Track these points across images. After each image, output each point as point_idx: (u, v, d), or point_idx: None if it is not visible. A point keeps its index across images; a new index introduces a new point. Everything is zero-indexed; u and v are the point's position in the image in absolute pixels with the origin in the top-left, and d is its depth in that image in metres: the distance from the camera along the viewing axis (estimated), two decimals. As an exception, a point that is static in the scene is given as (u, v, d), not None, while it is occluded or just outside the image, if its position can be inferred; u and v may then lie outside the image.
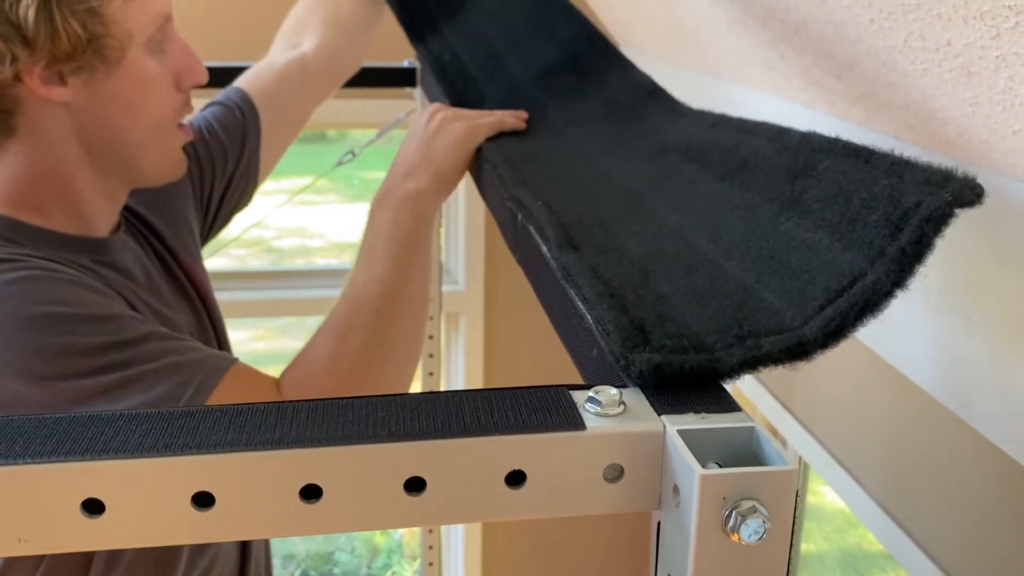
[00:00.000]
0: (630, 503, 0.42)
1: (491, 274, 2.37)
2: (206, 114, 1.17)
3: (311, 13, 1.21)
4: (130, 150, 0.92)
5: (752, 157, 0.64)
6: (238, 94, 1.17)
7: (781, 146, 0.62)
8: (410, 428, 0.41)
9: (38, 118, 0.87)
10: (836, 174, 0.55)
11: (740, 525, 0.37)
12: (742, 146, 0.67)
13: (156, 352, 0.81)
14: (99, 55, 0.85)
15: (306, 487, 0.40)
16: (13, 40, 0.81)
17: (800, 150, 0.60)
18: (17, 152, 0.88)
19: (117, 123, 0.90)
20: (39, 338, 0.78)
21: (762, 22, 0.99)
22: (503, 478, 0.41)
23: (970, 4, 0.63)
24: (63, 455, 0.39)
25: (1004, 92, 0.67)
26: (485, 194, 0.91)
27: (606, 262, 0.59)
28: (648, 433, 0.41)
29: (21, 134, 0.87)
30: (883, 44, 0.78)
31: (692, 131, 0.79)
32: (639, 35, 1.79)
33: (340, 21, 1.19)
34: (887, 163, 0.53)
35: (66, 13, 0.82)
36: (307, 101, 1.22)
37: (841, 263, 0.49)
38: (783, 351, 0.47)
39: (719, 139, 0.71)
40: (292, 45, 1.21)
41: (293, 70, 1.18)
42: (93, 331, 0.80)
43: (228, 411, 0.42)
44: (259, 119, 1.16)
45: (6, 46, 0.81)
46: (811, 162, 0.58)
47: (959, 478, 1.05)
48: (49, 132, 0.88)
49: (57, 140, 0.88)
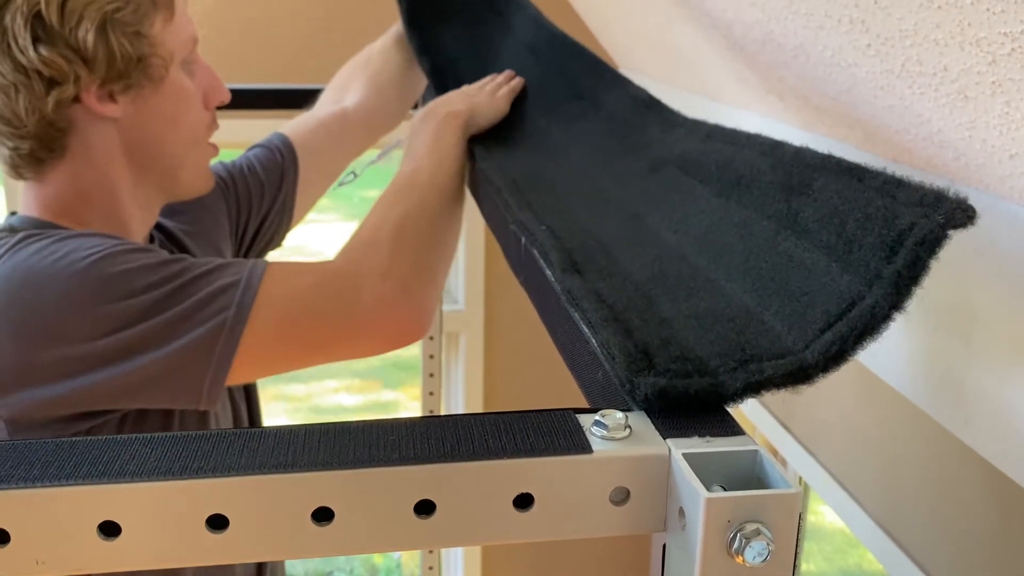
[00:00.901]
0: (636, 525, 0.42)
1: (491, 293, 2.38)
2: (249, 155, 1.24)
3: (355, 74, 1.30)
4: (171, 162, 0.99)
5: (747, 172, 0.65)
6: (280, 138, 1.24)
7: (775, 161, 0.63)
8: (420, 452, 0.41)
9: (88, 135, 0.93)
10: (831, 193, 0.56)
11: (744, 547, 0.38)
12: (736, 160, 0.67)
13: (202, 263, 0.88)
14: (145, 74, 0.93)
15: (318, 510, 0.41)
16: (75, 61, 0.88)
17: (794, 166, 0.61)
18: (65, 170, 0.94)
19: (161, 137, 0.97)
20: (102, 269, 0.84)
21: (761, 46, 1.01)
22: (511, 501, 0.42)
23: (966, 31, 0.64)
24: (80, 478, 0.40)
25: (1001, 117, 0.68)
26: (489, 217, 0.92)
27: (610, 286, 0.60)
28: (654, 456, 0.42)
29: (70, 154, 0.93)
30: (880, 68, 0.79)
31: (688, 143, 0.80)
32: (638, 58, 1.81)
33: (381, 83, 1.29)
34: (879, 182, 0.54)
35: (119, 35, 0.89)
36: (344, 152, 1.29)
37: (839, 286, 0.50)
38: (785, 375, 0.48)
39: (714, 151, 0.72)
40: (335, 101, 1.30)
41: (335, 122, 1.26)
42: (140, 257, 0.86)
43: (241, 435, 0.43)
44: (298, 163, 1.23)
45: (70, 67, 0.88)
46: (806, 179, 0.59)
47: (958, 499, 1.05)
48: (97, 147, 0.94)
49: (104, 155, 0.94)
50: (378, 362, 5.72)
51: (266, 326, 0.85)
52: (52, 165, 0.93)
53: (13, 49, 0.87)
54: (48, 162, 0.93)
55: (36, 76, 0.88)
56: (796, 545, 0.39)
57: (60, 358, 0.82)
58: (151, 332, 0.82)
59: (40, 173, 0.94)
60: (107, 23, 0.89)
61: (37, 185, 0.95)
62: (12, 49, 0.87)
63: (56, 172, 0.94)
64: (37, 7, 0.86)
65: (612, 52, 2.07)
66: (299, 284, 0.88)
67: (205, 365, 0.83)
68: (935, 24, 0.67)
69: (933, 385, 0.89)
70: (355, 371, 5.57)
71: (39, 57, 0.87)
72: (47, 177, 0.94)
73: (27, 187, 0.96)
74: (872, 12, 0.74)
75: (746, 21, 1.00)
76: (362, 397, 5.35)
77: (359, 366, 5.65)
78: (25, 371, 0.83)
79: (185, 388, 0.84)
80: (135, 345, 0.82)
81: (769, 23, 0.95)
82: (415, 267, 0.92)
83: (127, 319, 0.82)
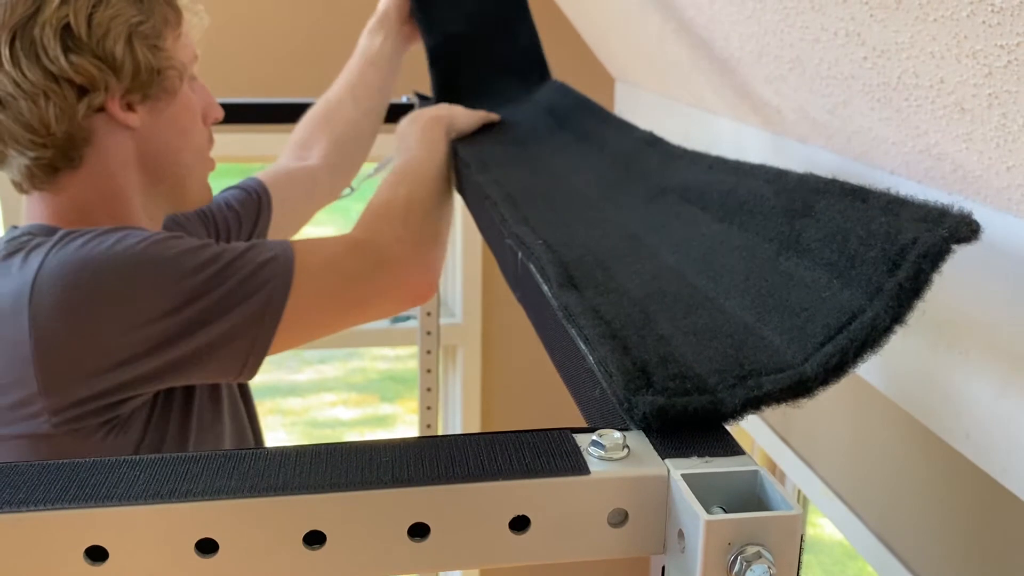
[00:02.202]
0: (634, 548, 0.42)
1: (488, 307, 2.38)
2: (226, 194, 1.30)
3: (316, 133, 1.37)
4: (180, 172, 1.04)
5: (750, 199, 0.65)
6: (255, 182, 1.31)
7: (780, 188, 0.63)
8: (413, 473, 0.41)
9: (105, 145, 0.97)
10: (834, 213, 0.56)
11: (745, 571, 0.37)
12: (740, 188, 0.67)
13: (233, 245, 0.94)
14: (163, 86, 0.98)
15: (309, 533, 0.40)
16: (105, 70, 0.93)
17: (798, 191, 0.61)
18: (78, 180, 0.97)
19: (174, 147, 1.02)
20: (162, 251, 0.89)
21: (757, 58, 1.00)
22: (507, 523, 0.41)
23: (963, 43, 0.64)
24: (66, 502, 0.39)
25: (997, 128, 0.67)
26: (485, 232, 0.92)
27: (607, 303, 0.59)
28: (652, 478, 0.41)
29: (86, 164, 0.96)
30: (877, 81, 0.79)
31: (690, 173, 0.79)
32: (634, 71, 1.81)
33: (343, 141, 1.37)
34: (883, 201, 0.54)
35: (142, 47, 0.95)
36: (313, 204, 1.38)
37: (840, 300, 0.50)
38: (784, 389, 0.47)
39: (717, 182, 0.72)
40: (301, 157, 1.37)
41: (304, 177, 1.35)
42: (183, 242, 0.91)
43: (231, 456, 0.42)
44: (272, 207, 1.30)
45: (100, 75, 0.93)
46: (809, 202, 0.59)
47: (958, 511, 1.04)
48: (114, 157, 0.98)
49: (119, 164, 0.98)
50: (375, 375, 5.70)
51: (306, 294, 0.92)
52: (67, 175, 0.96)
53: (43, 59, 0.91)
54: (63, 171, 0.96)
55: (67, 84, 0.92)
56: (798, 567, 0.38)
57: (132, 339, 0.86)
58: (208, 308, 0.88)
59: (53, 183, 0.96)
60: (132, 35, 0.94)
61: (48, 195, 0.97)
62: (42, 58, 0.91)
63: (70, 182, 0.96)
64: (66, 19, 0.91)
65: (609, 66, 2.07)
66: (329, 254, 0.97)
67: (252, 336, 0.90)
68: (931, 36, 0.67)
69: (932, 397, 0.88)
70: (352, 385, 5.56)
71: (71, 65, 0.91)
72: (60, 187, 0.97)
73: (36, 198, 0.98)
74: (868, 25, 0.74)
75: (742, 34, 1.00)
76: (359, 411, 5.33)
77: (356, 380, 5.63)
78: (97, 354, 0.86)
79: (232, 359, 0.91)
80: (195, 321, 0.88)
81: (765, 36, 0.94)
82: (422, 234, 1.04)
83: (187, 297, 0.88)
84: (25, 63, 0.91)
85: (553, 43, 2.15)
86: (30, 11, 0.90)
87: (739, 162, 0.74)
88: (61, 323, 0.85)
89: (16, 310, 0.85)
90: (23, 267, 0.87)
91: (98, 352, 0.86)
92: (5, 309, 0.86)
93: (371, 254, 0.99)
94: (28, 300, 0.85)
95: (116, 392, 0.88)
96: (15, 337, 0.85)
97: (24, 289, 0.86)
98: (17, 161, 0.95)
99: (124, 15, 0.94)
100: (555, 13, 2.11)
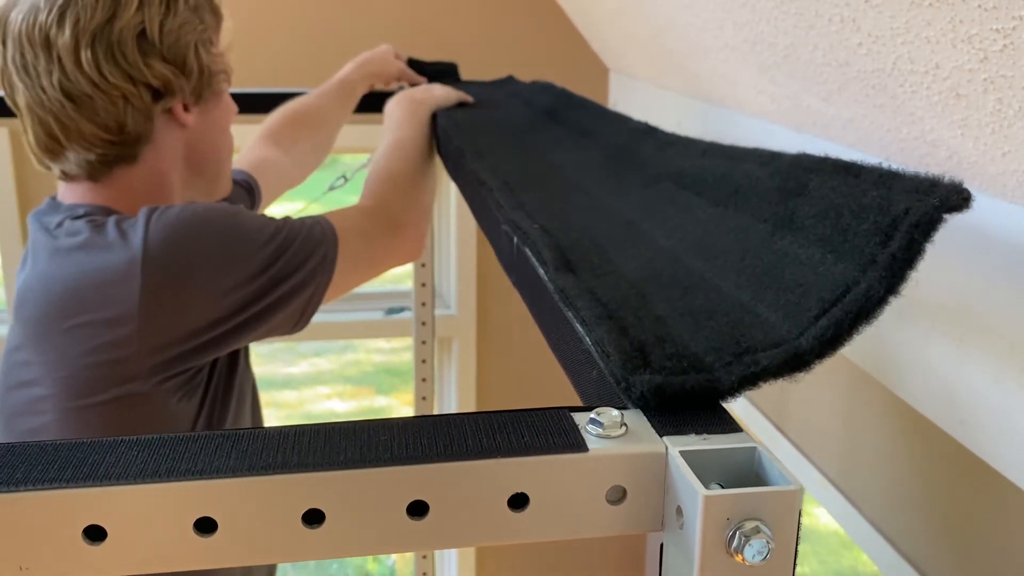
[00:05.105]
0: (633, 525, 0.42)
1: (483, 299, 2.38)
2: None
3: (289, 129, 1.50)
4: (219, 167, 1.15)
5: (745, 182, 0.65)
6: (246, 175, 1.41)
7: (774, 169, 0.63)
8: (412, 452, 0.41)
9: (163, 143, 1.04)
10: (827, 190, 0.56)
11: (744, 546, 0.37)
12: (735, 172, 0.67)
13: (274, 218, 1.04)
14: (213, 88, 1.08)
15: (308, 512, 0.40)
16: (179, 75, 1.02)
17: (791, 171, 0.61)
18: (133, 174, 1.03)
19: (217, 144, 1.13)
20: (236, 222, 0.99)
21: (751, 47, 1.00)
22: (506, 501, 0.41)
23: (958, 28, 0.64)
24: (64, 482, 0.39)
25: (993, 114, 0.67)
26: (480, 219, 0.92)
27: (603, 284, 0.59)
28: (650, 454, 0.41)
29: (143, 160, 1.03)
30: (872, 67, 0.79)
31: (684, 160, 0.80)
32: (629, 61, 1.81)
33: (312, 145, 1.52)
34: (875, 176, 0.54)
35: (205, 52, 1.05)
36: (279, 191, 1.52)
37: (834, 274, 0.50)
38: (781, 364, 0.47)
39: (711, 166, 0.72)
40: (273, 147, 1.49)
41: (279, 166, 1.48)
42: (251, 213, 1.02)
43: (230, 436, 0.42)
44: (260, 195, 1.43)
45: (175, 80, 1.01)
46: (802, 181, 0.59)
47: (954, 499, 1.05)
48: (167, 153, 1.05)
49: (170, 160, 1.06)
50: (370, 368, 5.70)
51: (348, 254, 1.06)
52: (123, 169, 1.03)
53: (122, 62, 0.97)
54: (118, 166, 1.02)
55: (144, 86, 0.99)
56: (796, 543, 0.38)
57: (225, 301, 0.95)
58: (283, 269, 0.99)
59: (108, 175, 1.02)
60: (198, 41, 1.04)
61: (98, 185, 1.03)
62: (120, 62, 0.97)
63: (124, 174, 1.03)
64: (142, 25, 0.98)
65: (604, 56, 2.07)
66: (355, 219, 1.11)
67: (311, 293, 1.02)
68: (926, 22, 0.67)
69: (927, 385, 0.88)
70: (347, 377, 5.56)
71: (149, 69, 0.99)
72: (113, 179, 1.03)
73: (85, 184, 1.03)
74: (863, 10, 0.74)
75: (736, 22, 1.00)
76: (355, 403, 5.33)
77: (351, 372, 5.63)
78: (195, 314, 0.94)
79: (292, 314, 1.02)
80: (273, 280, 0.98)
81: (759, 24, 0.94)
82: (417, 201, 1.22)
83: (266, 262, 0.98)
84: (105, 66, 0.96)
85: (548, 34, 2.15)
86: (108, 15, 0.96)
87: (733, 147, 0.75)
88: (168, 285, 0.93)
89: (129, 274, 0.92)
90: (127, 237, 0.94)
91: (196, 312, 0.94)
92: (117, 275, 0.92)
93: (384, 219, 1.15)
94: (141, 265, 0.92)
95: (202, 352, 0.96)
96: (123, 298, 0.92)
97: (136, 256, 0.92)
98: (77, 157, 1.00)
99: (191, 23, 1.02)
100: (550, 4, 2.11)
